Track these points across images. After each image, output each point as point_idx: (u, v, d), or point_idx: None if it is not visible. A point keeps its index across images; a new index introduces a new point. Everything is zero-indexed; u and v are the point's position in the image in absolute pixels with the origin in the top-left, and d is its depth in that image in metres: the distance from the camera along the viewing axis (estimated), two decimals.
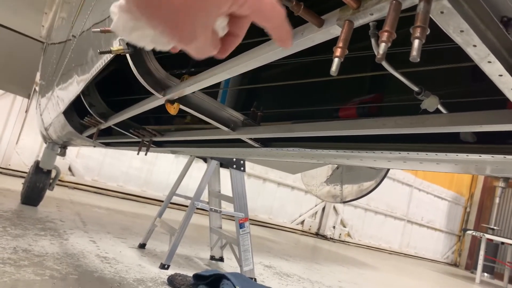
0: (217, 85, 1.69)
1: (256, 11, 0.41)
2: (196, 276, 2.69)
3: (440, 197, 14.92)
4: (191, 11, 0.35)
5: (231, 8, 0.38)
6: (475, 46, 0.50)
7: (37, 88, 4.52)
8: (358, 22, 0.54)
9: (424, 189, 14.12)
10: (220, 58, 0.49)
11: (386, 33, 0.45)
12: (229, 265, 3.87)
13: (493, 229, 11.61)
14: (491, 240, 10.21)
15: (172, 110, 1.21)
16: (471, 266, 14.86)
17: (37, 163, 4.45)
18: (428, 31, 0.42)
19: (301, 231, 10.86)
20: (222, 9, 0.38)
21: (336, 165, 5.43)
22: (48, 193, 4.60)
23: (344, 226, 11.73)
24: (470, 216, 16.03)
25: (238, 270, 3.39)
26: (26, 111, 6.66)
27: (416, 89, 0.81)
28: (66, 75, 2.16)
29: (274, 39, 0.45)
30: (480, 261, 10.17)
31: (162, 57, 1.34)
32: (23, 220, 3.50)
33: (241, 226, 3.44)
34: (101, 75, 1.98)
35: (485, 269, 11.63)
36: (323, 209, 11.32)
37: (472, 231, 10.98)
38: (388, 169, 5.34)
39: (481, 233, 10.32)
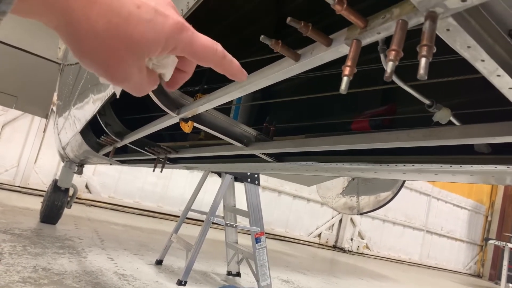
0: (230, 101, 1.71)
1: (189, 54, 0.44)
2: None
3: (459, 206, 14.59)
4: (120, 56, 0.39)
5: (162, 52, 0.42)
6: (483, 60, 0.50)
7: (54, 108, 4.63)
8: (366, 41, 0.55)
9: (442, 198, 13.83)
10: (171, 90, 0.55)
11: (393, 52, 0.45)
12: (246, 280, 3.85)
13: None
14: None
15: (187, 128, 1.23)
16: (495, 277, 14.44)
17: (55, 182, 4.53)
18: (435, 50, 0.42)
19: (318, 244, 10.72)
20: (152, 54, 0.42)
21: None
22: (66, 211, 4.66)
23: (362, 238, 11.54)
24: (492, 225, 15.62)
25: (256, 285, 3.36)
26: (44, 131, 6.81)
27: (427, 102, 0.81)
28: (83, 95, 2.21)
29: (226, 75, 0.48)
30: (504, 271, 9.86)
31: None
32: (42, 238, 3.56)
33: (257, 240, 3.42)
34: None
35: (510, 279, 11.26)
36: (340, 221, 11.18)
37: (495, 241, 10.67)
38: (405, 180, 5.26)
39: (504, 243, 10.02)
